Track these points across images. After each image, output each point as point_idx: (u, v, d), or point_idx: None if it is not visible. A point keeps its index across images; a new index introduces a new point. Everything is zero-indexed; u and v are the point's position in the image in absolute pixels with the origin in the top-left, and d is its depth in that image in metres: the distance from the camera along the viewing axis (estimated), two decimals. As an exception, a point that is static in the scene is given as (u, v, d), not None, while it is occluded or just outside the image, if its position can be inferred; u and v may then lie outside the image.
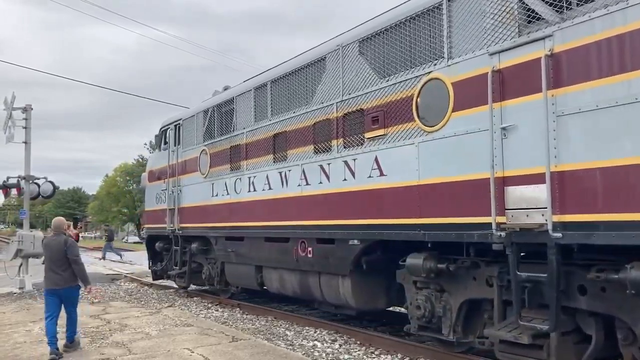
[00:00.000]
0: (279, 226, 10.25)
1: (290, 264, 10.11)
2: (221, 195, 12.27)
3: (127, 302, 13.84)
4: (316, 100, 9.45)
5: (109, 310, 12.13)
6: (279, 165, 10.33)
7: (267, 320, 10.93)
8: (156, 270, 15.95)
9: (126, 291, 16.25)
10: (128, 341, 8.61)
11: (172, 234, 14.46)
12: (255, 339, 8.88)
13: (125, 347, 8.21)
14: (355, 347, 8.54)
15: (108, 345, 8.44)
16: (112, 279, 19.86)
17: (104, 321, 10.57)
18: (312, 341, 8.93)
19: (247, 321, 10.96)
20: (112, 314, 11.54)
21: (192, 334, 9.05)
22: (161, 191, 15.20)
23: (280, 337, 9.32)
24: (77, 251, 8.25)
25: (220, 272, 13.14)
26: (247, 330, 9.90)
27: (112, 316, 11.15)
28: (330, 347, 8.58)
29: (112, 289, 16.89)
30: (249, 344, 8.28)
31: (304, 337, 9.32)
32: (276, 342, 8.86)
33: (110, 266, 25.35)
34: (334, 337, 9.22)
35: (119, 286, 17.74)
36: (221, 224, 12.23)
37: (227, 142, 12.13)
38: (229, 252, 12.02)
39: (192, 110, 13.96)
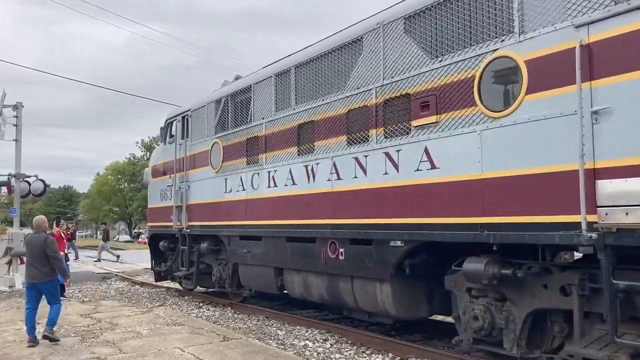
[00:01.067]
0: (305, 225, 9.21)
1: (318, 266, 9.08)
2: (236, 191, 11.19)
3: (118, 301, 13.58)
4: (350, 86, 8.42)
5: (99, 309, 11.86)
6: (304, 159, 9.29)
7: (258, 320, 10.68)
8: (160, 271, 14.83)
9: (117, 290, 16.04)
10: (119, 340, 8.42)
11: (178, 233, 13.36)
12: (247, 338, 8.69)
13: (116, 346, 8.02)
14: (347, 347, 8.38)
15: (98, 344, 8.25)
16: (103, 277, 19.55)
17: (95, 320, 10.30)
18: (304, 340, 8.76)
19: (239, 320, 10.75)
20: (102, 312, 11.28)
21: (183, 333, 8.85)
22: (166, 187, 14.08)
23: (272, 336, 9.15)
24: (55, 247, 8.59)
25: (232, 274, 12.07)
26: (239, 329, 9.72)
27: (102, 315, 10.88)
28: (322, 346, 8.42)
29: (103, 287, 16.69)
30: (240, 344, 8.11)
31: (295, 336, 9.13)
32: (267, 341, 8.71)
33: (101, 265, 24.98)
34: (325, 336, 9.04)
35: (109, 285, 17.52)
36: (235, 222, 11.16)
37: (243, 133, 11.06)
38: (244, 252, 10.95)
39: (201, 101, 12.87)
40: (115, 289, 16.22)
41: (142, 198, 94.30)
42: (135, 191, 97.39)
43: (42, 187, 18.17)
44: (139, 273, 20.86)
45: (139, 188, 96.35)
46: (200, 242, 12.79)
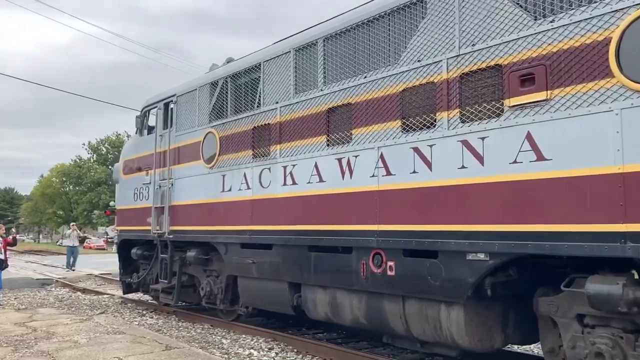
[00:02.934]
0: (336, 232, 7.31)
1: (353, 283, 7.19)
2: (237, 190, 9.17)
3: (57, 308, 12.80)
4: (407, 59, 6.61)
5: (36, 317, 11.07)
6: (336, 150, 7.41)
7: (203, 328, 10.31)
8: (131, 282, 12.55)
9: (56, 297, 15.23)
10: (54, 350, 7.90)
11: (158, 239, 11.17)
12: (190, 347, 8.30)
13: (51, 357, 7.52)
14: (292, 355, 8.21)
15: (32, 354, 7.70)
16: (43, 284, 18.60)
17: (30, 329, 9.60)
18: (248, 349, 8.49)
19: (183, 329, 10.36)
20: (39, 321, 10.55)
21: (124, 342, 8.39)
22: (143, 185, 11.86)
23: (216, 345, 8.86)
24: None
25: (225, 288, 10.02)
26: (182, 338, 9.39)
27: (39, 323, 10.18)
28: (267, 355, 8.21)
29: (42, 294, 15.89)
30: (182, 353, 7.73)
31: (240, 345, 8.84)
32: (211, 350, 8.42)
33: (41, 270, 23.94)
34: (270, 344, 8.79)
35: (49, 291, 16.74)
36: (236, 227, 9.12)
37: (248, 121, 9.06)
38: (247, 263, 8.92)
39: (191, 84, 10.77)
40: (54, 296, 15.43)
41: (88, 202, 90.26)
42: (80, 194, 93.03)
43: None
44: (82, 279, 20.04)
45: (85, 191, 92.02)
46: (186, 250, 10.66)
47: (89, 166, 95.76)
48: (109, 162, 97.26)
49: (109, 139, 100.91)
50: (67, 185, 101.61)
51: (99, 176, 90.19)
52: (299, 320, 8.10)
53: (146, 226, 11.50)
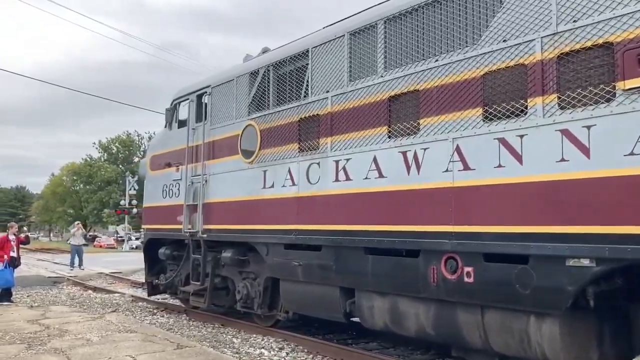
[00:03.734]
0: (401, 233, 6.52)
1: (421, 289, 6.40)
2: (281, 186, 8.40)
3: (69, 306, 12.78)
4: (489, 39, 5.82)
5: (48, 314, 10.96)
6: (400, 142, 6.62)
7: (214, 327, 10.22)
8: (159, 284, 11.79)
9: (68, 295, 15.25)
10: (67, 348, 7.79)
11: (190, 239, 10.41)
12: (201, 346, 8.19)
13: (64, 354, 7.41)
14: (302, 355, 8.12)
15: (45, 352, 7.60)
16: (54, 282, 18.49)
17: (43, 326, 9.50)
18: (259, 349, 8.42)
19: (194, 328, 10.29)
20: (51, 318, 10.43)
21: (136, 341, 8.25)
22: (173, 182, 11.11)
23: (227, 344, 8.77)
24: None
25: (263, 292, 9.25)
26: (193, 337, 9.30)
27: (51, 321, 10.07)
28: (277, 355, 8.11)
29: (54, 292, 15.90)
30: (194, 352, 7.59)
31: (250, 344, 8.75)
32: (222, 349, 8.32)
33: (52, 268, 23.69)
34: (281, 344, 8.69)
35: (60, 290, 16.74)
36: (279, 226, 8.36)
37: (294, 113, 8.30)
38: (292, 266, 8.15)
39: (227, 74, 10.01)
40: (66, 294, 15.43)
41: (98, 201, 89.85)
42: (91, 193, 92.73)
43: None
44: (92, 278, 19.98)
45: (95, 190, 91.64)
46: (220, 251, 9.90)
47: (100, 165, 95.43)
48: (119, 161, 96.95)
49: (120, 138, 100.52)
50: (78, 184, 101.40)
51: (110, 175, 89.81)
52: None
53: (176, 225, 10.75)
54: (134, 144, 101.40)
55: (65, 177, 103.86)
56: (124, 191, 69.19)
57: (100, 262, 27.10)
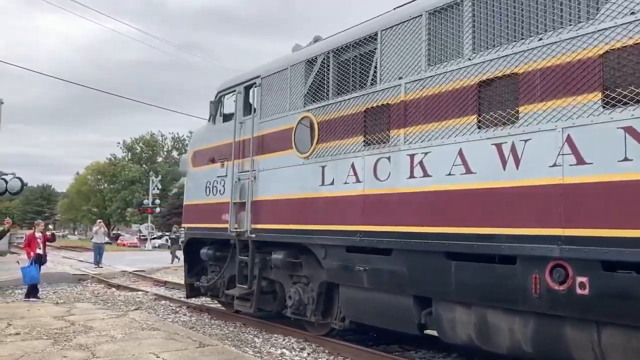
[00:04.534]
0: (493, 236, 5.65)
1: (518, 301, 5.52)
2: (342, 183, 7.57)
3: (93, 303, 12.92)
4: (612, 11, 4.94)
5: (73, 311, 10.97)
6: (494, 134, 5.76)
7: (235, 326, 10.12)
8: (200, 285, 11.03)
9: (92, 292, 15.39)
10: (92, 344, 7.80)
11: (236, 238, 9.63)
12: (223, 345, 8.11)
13: (89, 350, 7.42)
14: (324, 356, 8.03)
15: (71, 347, 7.60)
16: (79, 279, 18.68)
17: (68, 322, 9.51)
18: (281, 349, 8.31)
19: (215, 326, 10.18)
20: (76, 315, 10.44)
21: (159, 339, 8.20)
22: (217, 178, 10.34)
23: (249, 343, 8.69)
24: None
25: (317, 298, 8.43)
26: (215, 335, 9.23)
27: (76, 318, 10.09)
28: (299, 355, 8.02)
29: (78, 289, 16.04)
30: (215, 350, 7.52)
31: (272, 344, 8.66)
32: (244, 348, 8.24)
33: (77, 266, 23.92)
34: (302, 345, 8.57)
35: (85, 287, 16.87)
36: (340, 227, 7.53)
37: (358, 102, 7.47)
38: (356, 270, 7.31)
39: (279, 63, 9.22)
40: (90, 292, 15.60)
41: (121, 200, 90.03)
42: (114, 192, 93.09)
43: (19, 185, 17.61)
44: (116, 276, 20.13)
45: (119, 189, 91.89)
46: (269, 252, 9.10)
47: (124, 165, 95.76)
48: (142, 161, 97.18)
49: (143, 139, 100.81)
50: (102, 183, 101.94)
51: (133, 175, 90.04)
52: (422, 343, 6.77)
53: (221, 224, 9.98)
54: (157, 144, 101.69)
55: (89, 176, 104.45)
56: (147, 190, 69.14)
57: (124, 261, 27.20)
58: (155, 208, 63.85)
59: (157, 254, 38.73)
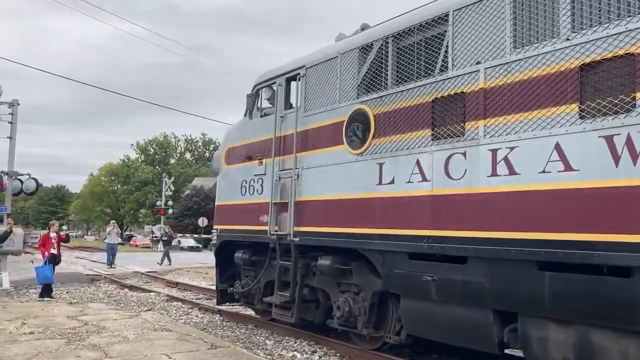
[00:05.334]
0: (605, 244, 4.75)
1: (632, 320, 4.62)
2: (405, 182, 6.70)
3: (106, 303, 12.98)
4: None
5: (86, 311, 11.01)
6: (602, 124, 4.88)
7: (247, 329, 10.09)
8: (235, 292, 10.18)
9: (105, 293, 15.46)
10: (105, 344, 7.74)
11: (277, 242, 8.77)
12: (235, 347, 8.05)
13: (102, 350, 7.34)
14: (335, 359, 7.92)
15: (84, 347, 7.53)
16: (92, 279, 18.83)
17: (82, 322, 9.51)
18: (292, 352, 8.25)
19: (227, 328, 10.16)
20: (90, 315, 10.44)
21: (171, 339, 8.16)
22: (254, 177, 9.49)
23: (260, 346, 8.65)
24: None
25: (369, 309, 7.56)
26: (227, 337, 9.20)
27: (89, 317, 10.09)
28: (310, 358, 7.95)
29: (91, 290, 16.14)
30: (227, 352, 7.39)
31: (283, 347, 8.58)
32: (255, 351, 8.23)
33: (90, 266, 24.18)
34: (314, 348, 8.48)
35: (98, 287, 16.94)
36: (403, 231, 6.65)
37: (425, 92, 6.59)
38: (423, 280, 6.42)
39: (327, 51, 8.37)
40: (103, 292, 15.67)
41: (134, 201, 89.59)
42: (128, 193, 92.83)
43: (34, 185, 17.56)
44: (128, 276, 20.24)
45: (132, 190, 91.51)
46: (315, 257, 8.25)
47: (137, 166, 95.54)
48: (155, 162, 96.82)
49: (157, 140, 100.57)
50: (115, 184, 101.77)
51: (146, 176, 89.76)
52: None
53: (259, 225, 9.13)
54: (170, 146, 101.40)
55: (103, 177, 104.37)
56: (160, 192, 68.74)
57: (136, 261, 27.21)
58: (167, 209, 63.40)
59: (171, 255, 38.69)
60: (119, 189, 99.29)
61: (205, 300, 14.06)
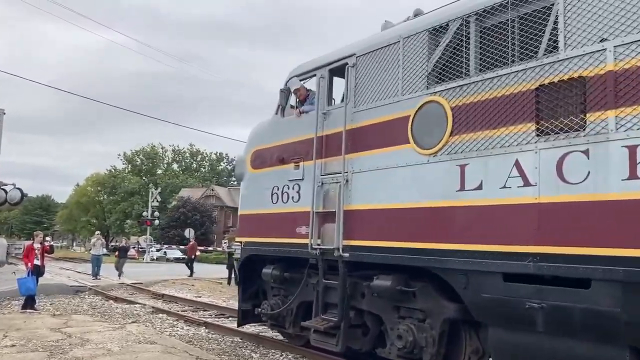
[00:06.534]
0: None
1: None
2: (498, 187, 5.39)
3: (91, 315, 12.57)
4: None
5: (70, 323, 10.68)
6: None
7: (232, 341, 9.78)
8: (263, 313, 8.73)
9: (90, 304, 14.92)
10: (88, 357, 7.43)
11: (320, 258, 7.38)
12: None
13: None
14: None
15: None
16: (77, 291, 18.24)
17: (65, 335, 9.14)
18: None
19: (213, 341, 9.83)
20: (73, 327, 10.10)
21: (155, 352, 7.84)
22: (289, 182, 8.11)
23: (246, 359, 8.37)
24: None
25: (438, 339, 6.20)
26: (212, 350, 8.83)
27: (73, 330, 9.73)
28: None
29: (76, 301, 15.61)
30: None
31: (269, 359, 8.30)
32: None
33: (74, 277, 23.56)
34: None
35: (82, 299, 16.44)
36: (496, 248, 5.33)
37: (525, 78, 5.32)
38: (525, 307, 5.08)
39: (385, 36, 7.06)
40: (88, 303, 15.17)
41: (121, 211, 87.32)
42: (114, 203, 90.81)
43: (19, 195, 17.12)
44: (114, 288, 19.68)
45: (118, 201, 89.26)
46: (368, 277, 6.89)
47: (124, 176, 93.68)
48: (142, 172, 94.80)
49: (144, 150, 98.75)
50: (102, 195, 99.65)
51: (133, 186, 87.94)
52: None
53: (295, 238, 7.75)
54: (157, 156, 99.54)
55: (89, 187, 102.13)
56: (146, 202, 67.01)
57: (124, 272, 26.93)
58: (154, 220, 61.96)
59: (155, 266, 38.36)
60: (106, 200, 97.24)
61: (191, 312, 13.73)
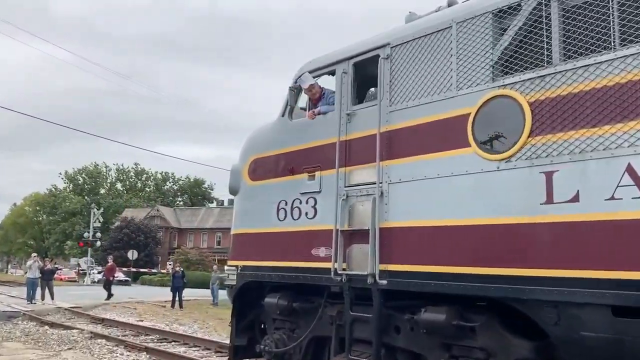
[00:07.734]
0: None
1: None
2: (604, 198, 4.23)
3: (23, 342, 11.99)
4: None
5: (0, 351, 9.93)
6: None
7: None
8: (265, 349, 7.16)
9: (23, 331, 14.24)
10: None
11: (348, 286, 6.00)
12: None
13: None
14: None
15: None
16: (9, 316, 17.30)
17: None
18: None
19: None
20: (4, 356, 9.54)
21: None
22: (301, 195, 6.70)
23: None
24: None
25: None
26: None
27: (3, 359, 9.21)
28: None
29: (8, 328, 14.77)
30: None
31: None
32: None
33: (7, 302, 22.50)
34: None
35: (15, 325, 15.53)
36: (600, 274, 4.16)
37: (638, 64, 4.22)
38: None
39: (428, 23, 5.86)
40: (21, 330, 14.44)
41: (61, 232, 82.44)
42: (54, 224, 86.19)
43: None
44: (50, 312, 18.79)
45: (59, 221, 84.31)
46: (411, 308, 5.56)
47: (65, 196, 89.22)
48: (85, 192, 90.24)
49: (86, 169, 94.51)
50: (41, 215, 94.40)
51: (74, 206, 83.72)
52: None
53: (311, 262, 6.34)
54: (100, 175, 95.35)
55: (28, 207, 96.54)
56: (88, 223, 63.71)
57: (60, 296, 24.92)
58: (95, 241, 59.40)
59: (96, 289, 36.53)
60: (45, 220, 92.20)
61: (132, 337, 13.18)
